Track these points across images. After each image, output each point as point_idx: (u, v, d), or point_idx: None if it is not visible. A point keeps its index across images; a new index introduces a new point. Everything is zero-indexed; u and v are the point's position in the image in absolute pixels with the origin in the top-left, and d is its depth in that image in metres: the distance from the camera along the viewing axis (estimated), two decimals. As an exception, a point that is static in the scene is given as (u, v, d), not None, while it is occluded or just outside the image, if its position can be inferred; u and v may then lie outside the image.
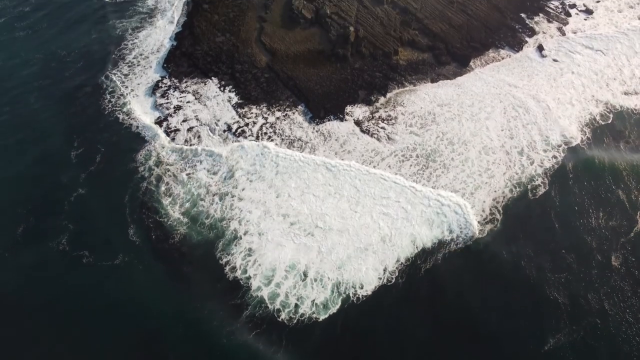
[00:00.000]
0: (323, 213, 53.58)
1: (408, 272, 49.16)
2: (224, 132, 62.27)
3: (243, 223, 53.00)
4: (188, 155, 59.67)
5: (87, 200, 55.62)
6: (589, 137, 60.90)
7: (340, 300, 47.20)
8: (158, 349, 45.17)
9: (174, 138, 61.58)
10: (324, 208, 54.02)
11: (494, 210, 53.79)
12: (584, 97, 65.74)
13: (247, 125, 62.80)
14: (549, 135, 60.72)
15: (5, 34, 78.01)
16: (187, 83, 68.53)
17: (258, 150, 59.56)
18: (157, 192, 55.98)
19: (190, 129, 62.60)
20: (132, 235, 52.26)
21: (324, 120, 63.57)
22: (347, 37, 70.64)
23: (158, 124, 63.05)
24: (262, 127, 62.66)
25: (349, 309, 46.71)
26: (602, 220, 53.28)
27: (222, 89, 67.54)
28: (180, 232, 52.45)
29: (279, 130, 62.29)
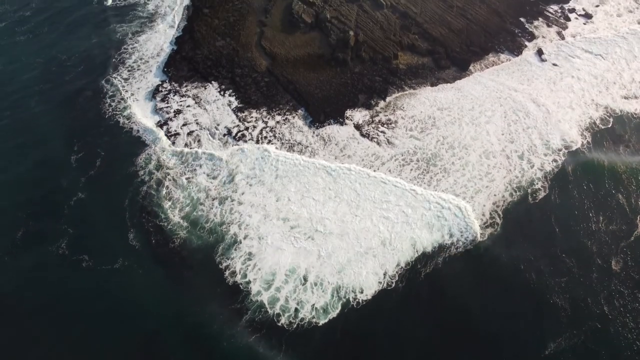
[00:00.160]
0: (323, 217, 53.54)
1: (408, 276, 49.07)
2: (224, 136, 62.34)
3: (243, 227, 52.96)
4: (188, 159, 59.71)
5: (87, 204, 55.64)
6: (589, 141, 60.89)
7: (340, 305, 47.10)
8: (158, 353, 45.10)
9: (174, 142, 61.66)
10: (324, 212, 53.99)
11: (494, 214, 53.74)
12: (584, 101, 65.77)
13: (247, 129, 62.87)
14: (549, 139, 60.76)
15: (6, 38, 78.17)
16: (187, 87, 68.66)
17: (258, 154, 59.61)
18: (157, 196, 55.99)
19: (190, 133, 62.67)
20: (132, 239, 52.25)
21: (324, 124, 63.64)
22: (347, 41, 70.82)
23: (159, 128, 63.18)
24: (262, 131, 62.73)
25: (349, 314, 46.58)
26: (602, 224, 53.24)
27: (222, 93, 67.64)
28: (180, 236, 52.43)
29: (279, 134, 62.36)
